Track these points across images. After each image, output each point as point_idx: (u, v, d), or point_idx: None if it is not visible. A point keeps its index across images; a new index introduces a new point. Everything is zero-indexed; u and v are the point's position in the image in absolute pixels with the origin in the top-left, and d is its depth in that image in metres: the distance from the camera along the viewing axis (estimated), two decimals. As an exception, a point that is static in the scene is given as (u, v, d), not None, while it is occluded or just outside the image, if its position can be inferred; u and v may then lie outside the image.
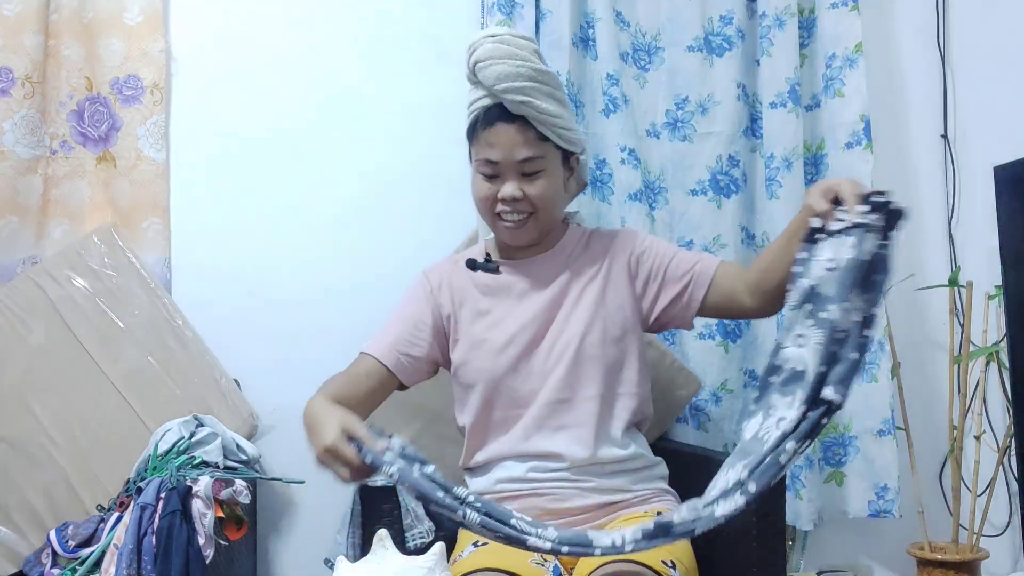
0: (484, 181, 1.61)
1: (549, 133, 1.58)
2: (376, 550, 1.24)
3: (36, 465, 2.09)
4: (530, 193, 1.58)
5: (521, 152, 1.57)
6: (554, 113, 1.57)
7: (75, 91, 2.29)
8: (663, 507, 1.62)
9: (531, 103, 1.55)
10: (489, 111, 1.59)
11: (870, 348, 1.33)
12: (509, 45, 1.58)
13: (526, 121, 1.56)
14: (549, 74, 1.60)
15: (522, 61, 1.56)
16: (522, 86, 1.55)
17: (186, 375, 2.19)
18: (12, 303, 2.17)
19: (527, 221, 1.60)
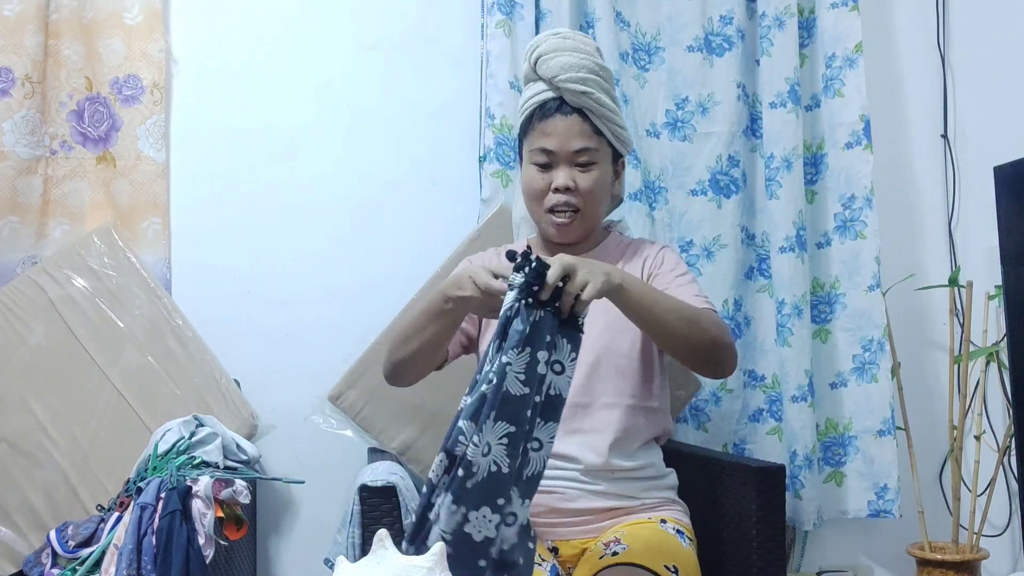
0: (537, 172, 1.63)
1: (604, 128, 1.61)
2: (376, 550, 1.23)
3: (36, 465, 2.09)
4: (581, 184, 1.61)
5: (577, 143, 1.60)
6: (610, 108, 1.62)
7: (75, 91, 2.29)
8: (668, 515, 1.62)
9: (592, 95, 1.59)
10: (546, 104, 1.62)
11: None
12: (574, 40, 1.64)
13: (583, 114, 1.60)
14: (608, 71, 1.66)
15: (586, 55, 1.62)
16: (584, 77, 1.59)
17: (186, 375, 2.19)
18: (12, 303, 2.17)
19: (575, 219, 1.63)
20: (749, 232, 2.46)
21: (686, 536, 1.59)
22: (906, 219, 2.60)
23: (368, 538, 1.79)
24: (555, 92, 1.61)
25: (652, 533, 1.55)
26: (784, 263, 2.36)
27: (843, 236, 2.43)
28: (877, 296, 2.38)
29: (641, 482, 1.63)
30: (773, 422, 2.43)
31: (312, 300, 2.36)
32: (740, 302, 2.43)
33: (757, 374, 2.45)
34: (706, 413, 2.40)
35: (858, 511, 2.41)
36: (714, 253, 2.41)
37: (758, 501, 1.69)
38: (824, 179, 2.47)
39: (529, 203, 1.67)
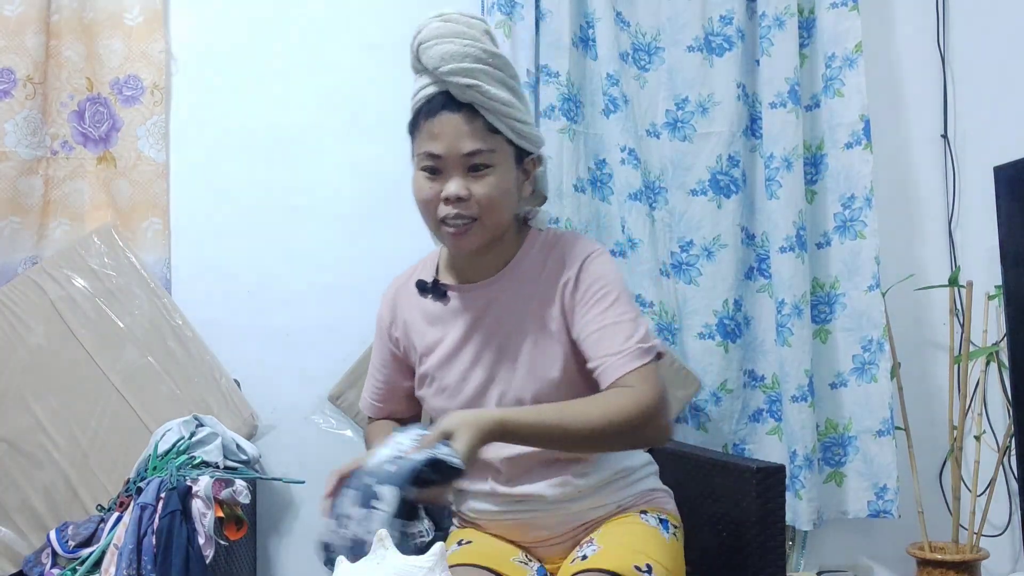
0: (426, 179, 1.41)
1: (500, 124, 1.38)
2: (376, 550, 1.23)
3: (36, 465, 2.09)
4: (476, 192, 1.38)
5: (467, 144, 1.37)
6: (505, 101, 1.38)
7: (76, 91, 2.29)
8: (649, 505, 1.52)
9: (479, 87, 1.36)
10: (433, 100, 1.39)
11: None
12: (456, 23, 1.39)
13: (474, 110, 1.37)
14: (501, 58, 1.40)
15: (471, 40, 1.38)
16: (470, 68, 1.36)
17: (186, 375, 2.19)
18: (12, 303, 2.17)
19: (471, 227, 1.39)
20: (749, 232, 2.47)
21: (670, 524, 1.50)
22: (906, 219, 2.60)
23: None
24: (441, 86, 1.38)
25: (629, 528, 1.45)
26: (784, 263, 2.36)
27: (843, 236, 2.43)
28: (877, 296, 2.38)
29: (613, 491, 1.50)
30: (773, 422, 2.43)
31: (312, 300, 2.36)
32: (740, 302, 2.43)
33: (757, 374, 2.46)
34: (706, 413, 2.40)
35: (858, 511, 2.41)
36: (714, 253, 2.41)
37: (758, 501, 1.69)
38: (824, 179, 2.47)
39: (422, 214, 1.44)
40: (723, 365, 2.40)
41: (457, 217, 1.39)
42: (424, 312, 1.53)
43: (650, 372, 1.36)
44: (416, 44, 1.42)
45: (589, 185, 2.41)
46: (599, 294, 1.40)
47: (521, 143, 1.42)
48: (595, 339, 1.38)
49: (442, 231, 1.42)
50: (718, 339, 2.40)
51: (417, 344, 1.54)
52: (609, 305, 1.39)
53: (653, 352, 1.38)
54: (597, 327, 1.38)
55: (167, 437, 1.95)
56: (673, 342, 2.37)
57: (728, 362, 2.40)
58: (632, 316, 1.39)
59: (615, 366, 1.35)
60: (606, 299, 1.40)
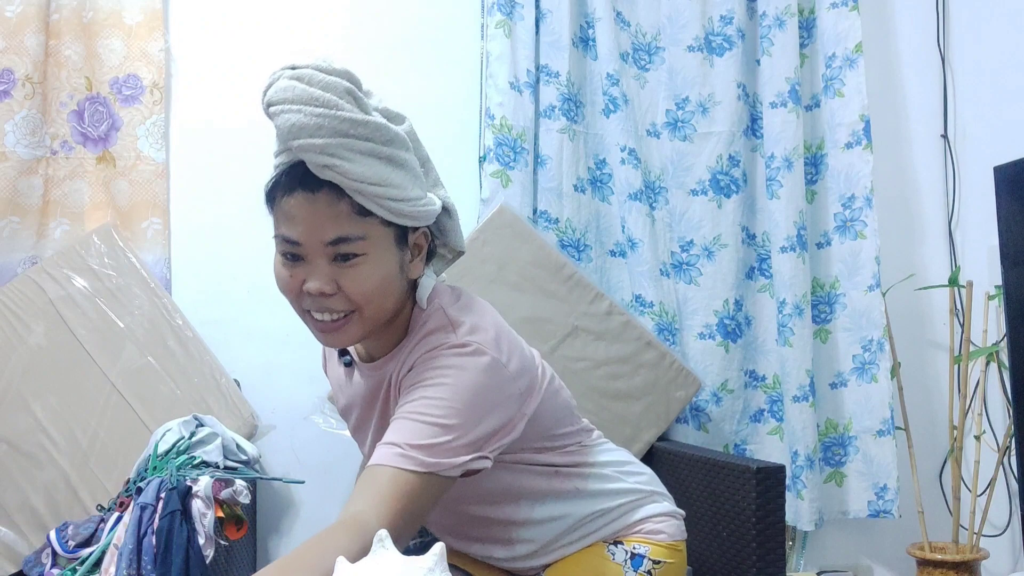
0: (284, 265, 1.20)
1: (371, 205, 1.13)
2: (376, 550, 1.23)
3: (36, 465, 2.09)
4: (346, 287, 1.16)
5: (330, 231, 1.13)
6: (374, 179, 1.12)
7: (75, 91, 2.29)
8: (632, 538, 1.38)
9: (338, 167, 1.11)
10: (290, 172, 1.16)
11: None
12: (308, 84, 1.13)
13: (338, 189, 1.13)
14: (370, 124, 1.13)
15: (324, 108, 1.11)
16: (324, 144, 1.10)
17: (186, 375, 2.19)
18: (12, 303, 2.17)
19: (345, 322, 1.18)
20: (750, 232, 2.47)
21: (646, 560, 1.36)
22: (906, 219, 2.60)
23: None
24: (295, 156, 1.15)
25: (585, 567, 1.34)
26: (785, 263, 2.36)
27: (843, 236, 2.43)
28: (877, 296, 2.38)
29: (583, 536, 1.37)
30: (774, 422, 2.43)
31: (312, 300, 2.36)
32: (741, 302, 2.43)
33: (758, 374, 2.46)
34: (706, 413, 2.40)
35: (858, 511, 2.41)
36: (715, 253, 2.41)
37: (758, 501, 1.69)
38: (824, 179, 2.47)
39: (287, 298, 1.25)
40: (724, 365, 2.40)
41: (324, 311, 1.18)
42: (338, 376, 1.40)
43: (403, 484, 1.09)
44: (265, 103, 1.17)
45: (589, 185, 2.41)
46: (420, 384, 1.16)
47: (402, 221, 1.18)
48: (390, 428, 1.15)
49: (310, 322, 1.22)
50: (719, 339, 2.40)
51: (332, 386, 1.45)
52: (418, 398, 1.14)
53: (425, 467, 1.10)
54: (395, 417, 1.15)
55: (167, 437, 1.95)
56: (673, 342, 2.37)
57: (729, 362, 2.40)
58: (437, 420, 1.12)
59: (379, 453, 1.11)
60: (420, 390, 1.15)
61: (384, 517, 1.07)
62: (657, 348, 2.23)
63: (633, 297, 2.38)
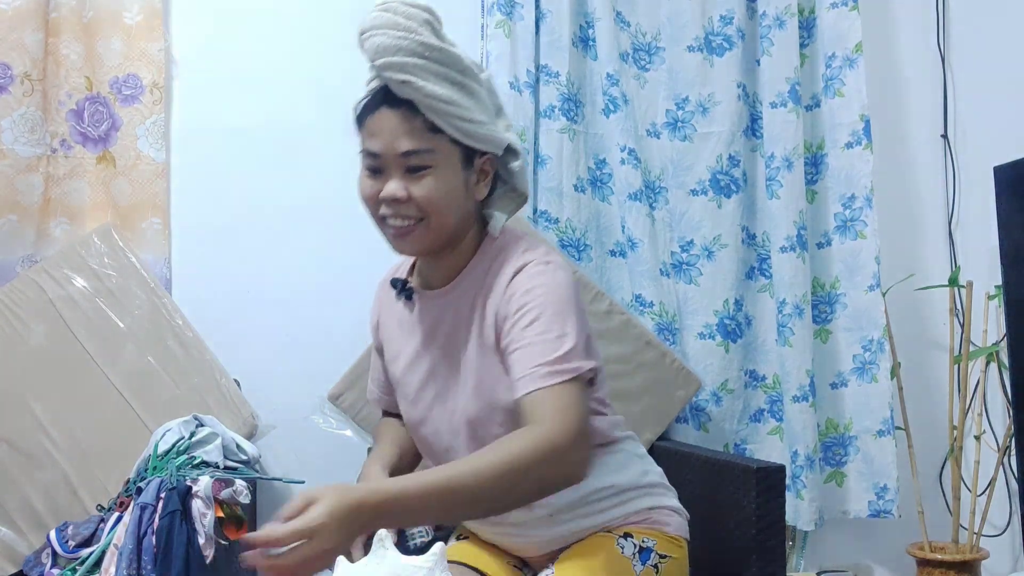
0: (367, 177, 1.33)
1: (442, 123, 1.27)
2: (376, 550, 1.23)
3: (36, 465, 2.09)
4: (416, 194, 1.28)
5: (404, 143, 1.27)
6: (446, 99, 1.27)
7: (75, 90, 2.29)
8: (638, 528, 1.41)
9: (413, 84, 1.25)
10: (375, 94, 1.32)
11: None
12: (393, 13, 1.28)
13: (414, 107, 1.27)
14: (444, 51, 1.28)
15: (404, 32, 1.26)
16: (403, 62, 1.26)
17: (186, 375, 2.19)
18: (12, 303, 2.17)
19: (415, 228, 1.31)
20: (750, 232, 2.46)
21: (653, 553, 1.38)
22: (906, 219, 2.60)
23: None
24: (381, 80, 1.31)
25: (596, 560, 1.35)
26: (785, 263, 2.36)
27: (843, 236, 2.43)
28: (877, 296, 2.38)
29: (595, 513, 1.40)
30: (774, 422, 2.43)
31: (312, 300, 2.36)
32: (741, 302, 2.43)
33: (758, 374, 2.46)
34: (707, 413, 2.40)
35: (858, 511, 2.41)
36: (714, 253, 2.41)
37: (758, 501, 1.69)
38: (824, 179, 2.47)
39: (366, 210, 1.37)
40: (724, 365, 2.40)
41: (397, 217, 1.31)
42: (397, 316, 1.48)
43: (562, 396, 1.20)
44: (359, 34, 1.32)
45: (589, 185, 2.41)
46: (523, 310, 1.27)
47: (468, 142, 1.30)
48: (512, 360, 1.25)
49: (384, 230, 1.35)
50: (719, 339, 2.40)
51: (387, 348, 1.50)
52: (530, 323, 1.25)
53: (569, 373, 1.21)
54: (515, 347, 1.25)
55: (167, 437, 1.95)
56: (673, 342, 2.37)
57: (729, 362, 2.40)
58: (555, 334, 1.24)
59: (524, 382, 1.22)
60: (530, 313, 1.26)
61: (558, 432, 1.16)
62: (657, 348, 2.23)
63: (633, 297, 2.38)
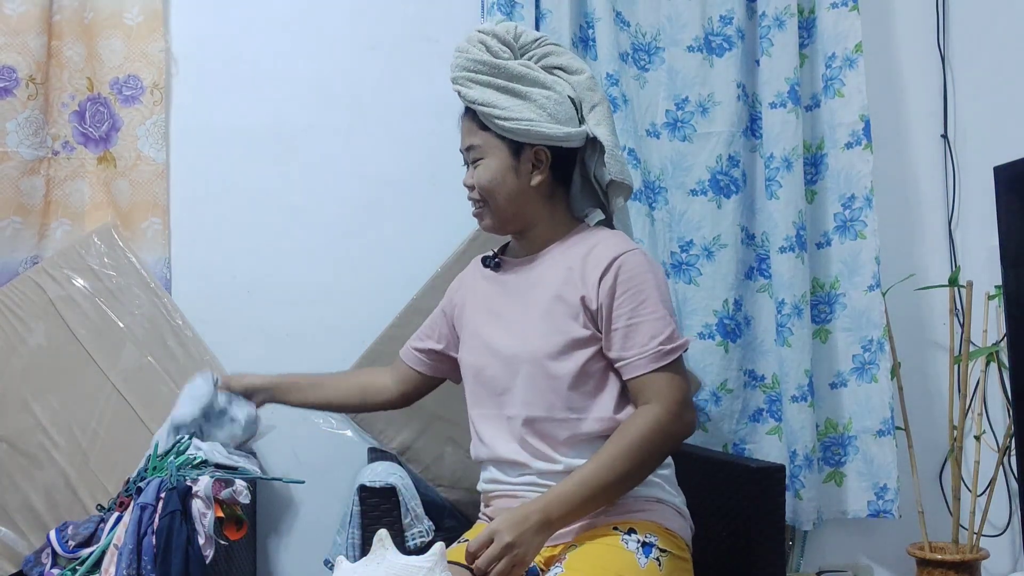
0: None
1: (486, 122, 1.57)
2: (376, 550, 1.24)
3: (36, 465, 2.09)
4: (475, 180, 1.60)
5: (466, 140, 1.61)
6: (483, 102, 1.55)
7: (77, 92, 2.29)
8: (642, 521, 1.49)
9: (463, 93, 1.57)
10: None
11: None
12: (468, 40, 1.61)
13: (472, 112, 1.59)
14: (488, 63, 1.57)
15: (461, 52, 1.59)
16: (457, 76, 1.58)
17: (186, 375, 2.18)
18: (12, 303, 2.17)
19: (483, 209, 1.62)
20: (749, 232, 2.47)
21: (655, 548, 1.46)
22: (906, 219, 2.60)
23: (368, 538, 1.80)
24: None
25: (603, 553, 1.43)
26: (784, 263, 2.36)
27: (843, 236, 2.43)
28: (877, 296, 2.39)
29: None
30: (773, 422, 2.43)
31: (312, 300, 2.36)
32: (740, 302, 2.43)
33: (757, 374, 2.46)
34: (706, 413, 2.40)
35: (858, 511, 2.41)
36: (714, 253, 2.41)
37: (758, 501, 1.69)
38: (824, 179, 2.47)
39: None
40: (723, 365, 2.40)
41: (472, 202, 1.64)
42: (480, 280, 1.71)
43: (673, 373, 1.48)
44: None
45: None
46: (629, 291, 1.50)
47: (511, 136, 1.56)
48: (620, 335, 1.49)
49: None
50: (718, 339, 2.40)
51: (468, 300, 1.70)
52: (638, 304, 1.49)
53: (676, 353, 1.48)
54: (624, 324, 1.49)
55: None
56: (673, 342, 2.37)
57: (728, 362, 2.40)
58: (658, 315, 1.49)
59: (637, 365, 1.47)
60: (635, 298, 1.50)
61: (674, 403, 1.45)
62: (657, 348, 2.23)
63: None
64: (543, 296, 1.56)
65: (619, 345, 1.49)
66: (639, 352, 1.47)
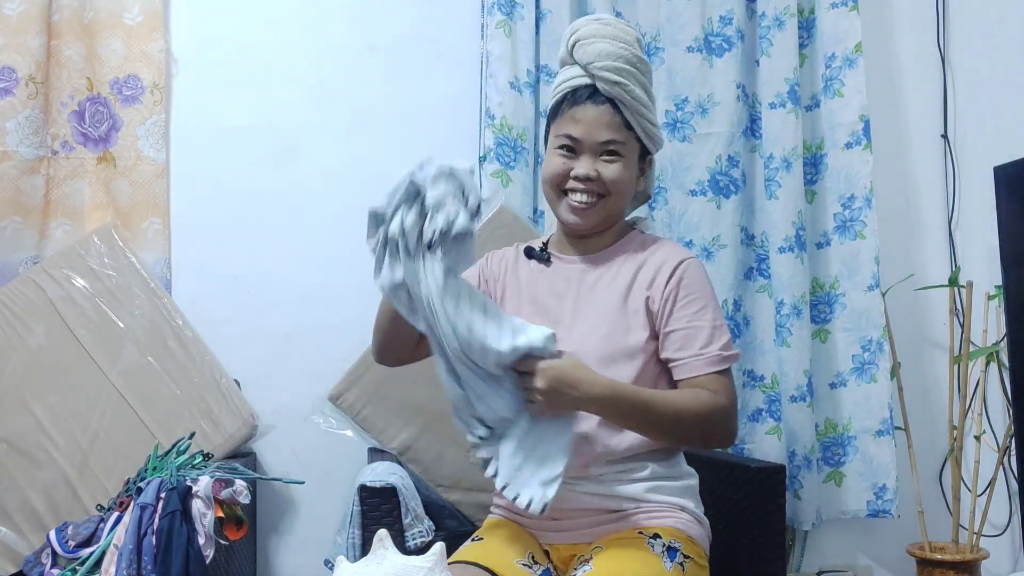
0: (560, 156, 1.56)
1: (634, 122, 1.55)
2: (376, 550, 1.24)
3: (36, 465, 2.09)
4: (604, 174, 1.54)
5: (604, 134, 1.53)
6: (644, 103, 1.55)
7: (76, 91, 2.29)
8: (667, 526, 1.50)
9: (625, 86, 1.52)
10: (579, 90, 1.55)
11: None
12: (615, 27, 1.57)
13: (615, 105, 1.53)
14: (646, 64, 1.57)
15: (625, 44, 1.55)
16: (620, 67, 1.52)
17: (186, 375, 2.19)
18: (12, 303, 2.17)
19: (596, 204, 1.55)
20: (748, 232, 2.47)
21: (679, 554, 1.46)
22: (906, 219, 2.60)
23: (368, 538, 1.80)
24: (589, 79, 1.55)
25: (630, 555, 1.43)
26: (783, 263, 2.36)
27: (843, 236, 2.43)
28: (876, 296, 2.39)
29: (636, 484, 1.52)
30: (772, 422, 2.43)
31: (312, 300, 2.36)
32: (740, 302, 2.43)
33: (756, 374, 2.46)
34: (706, 413, 2.40)
35: (857, 511, 2.41)
36: (713, 253, 2.41)
37: (758, 501, 1.69)
38: (824, 179, 2.47)
39: (547, 188, 1.60)
40: (723, 365, 2.40)
41: (582, 193, 1.55)
42: (528, 270, 1.66)
43: (726, 379, 1.51)
44: (572, 40, 1.57)
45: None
46: (691, 296, 1.53)
47: (646, 142, 1.59)
48: (680, 336, 1.52)
49: (563, 203, 1.57)
50: (718, 339, 2.40)
51: (510, 284, 1.65)
52: (699, 309, 1.53)
53: (732, 361, 1.52)
54: (684, 325, 1.52)
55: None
56: (673, 342, 2.37)
57: (728, 362, 2.40)
58: (718, 324, 1.53)
59: (694, 365, 1.50)
60: (697, 303, 1.53)
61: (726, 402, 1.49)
62: (657, 348, 2.23)
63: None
64: (608, 297, 1.56)
65: (677, 346, 1.51)
66: (697, 354, 1.51)
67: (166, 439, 2.04)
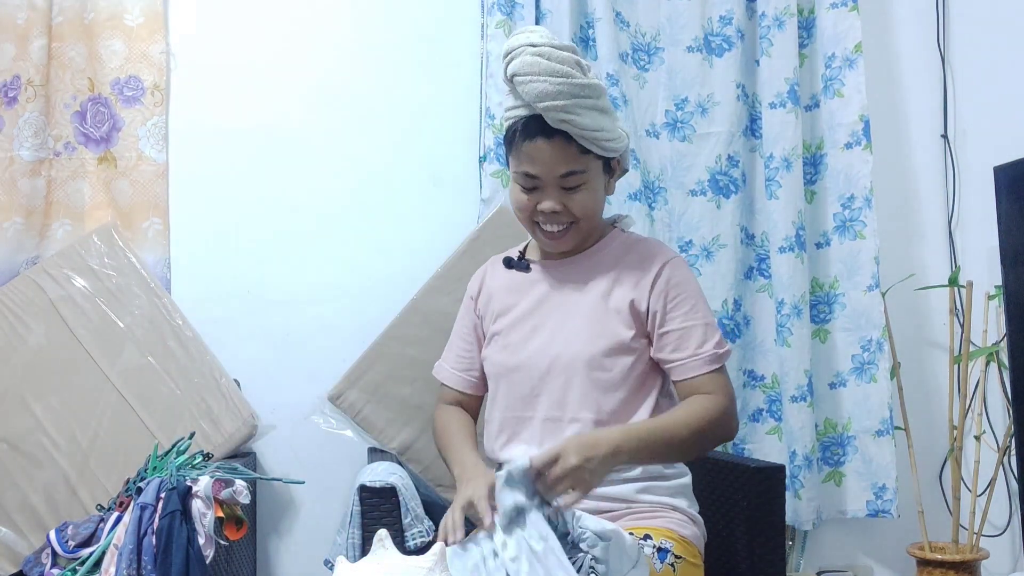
0: (523, 192, 1.55)
1: (590, 146, 1.50)
2: (376, 550, 1.24)
3: (36, 465, 2.09)
4: (571, 206, 1.53)
5: (562, 167, 1.50)
6: (595, 127, 1.49)
7: (78, 92, 2.29)
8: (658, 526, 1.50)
9: (572, 121, 1.47)
10: (528, 123, 1.50)
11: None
12: (549, 60, 1.47)
13: (567, 135, 1.49)
14: (591, 86, 1.49)
15: (563, 78, 1.46)
16: (564, 104, 1.46)
17: (186, 375, 2.19)
18: (12, 303, 2.17)
19: (568, 230, 1.56)
20: (748, 232, 2.47)
21: (670, 554, 1.47)
22: (906, 219, 2.60)
23: (368, 538, 1.79)
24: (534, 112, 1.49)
25: None
26: (783, 263, 2.36)
27: (842, 236, 2.43)
28: (876, 296, 2.39)
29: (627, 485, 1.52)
30: (773, 422, 2.43)
31: (312, 300, 2.36)
32: (740, 302, 2.43)
33: (756, 374, 2.46)
34: (706, 413, 2.40)
35: (857, 511, 2.41)
36: (713, 253, 2.41)
37: (758, 501, 1.69)
38: (824, 179, 2.47)
39: (518, 218, 1.61)
40: (723, 365, 2.40)
41: (552, 224, 1.55)
42: (508, 281, 1.67)
43: (723, 376, 1.54)
44: (509, 74, 1.50)
45: (589, 185, 2.41)
46: (681, 296, 1.55)
47: (609, 154, 1.55)
48: (675, 337, 1.53)
49: (537, 232, 1.59)
50: (718, 339, 2.40)
51: (495, 308, 1.66)
52: (690, 308, 1.54)
53: (726, 358, 1.54)
54: (679, 326, 1.53)
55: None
56: (673, 342, 2.37)
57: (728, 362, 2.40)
58: (709, 320, 1.55)
59: (691, 366, 1.52)
60: (687, 301, 1.55)
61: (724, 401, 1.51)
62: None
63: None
64: (588, 299, 1.56)
65: (673, 347, 1.53)
66: (693, 354, 1.52)
67: (166, 439, 2.04)
